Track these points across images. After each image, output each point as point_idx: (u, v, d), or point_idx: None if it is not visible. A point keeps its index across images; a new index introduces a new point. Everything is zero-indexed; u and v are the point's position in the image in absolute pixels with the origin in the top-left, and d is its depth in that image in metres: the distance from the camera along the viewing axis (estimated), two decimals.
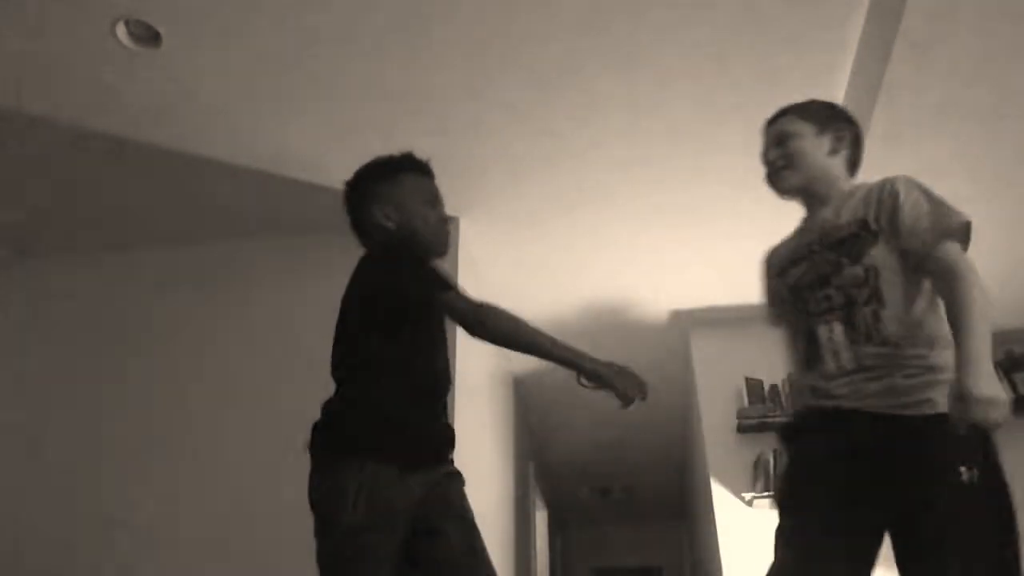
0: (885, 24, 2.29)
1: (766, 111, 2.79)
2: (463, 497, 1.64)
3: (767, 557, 1.52)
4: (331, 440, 1.54)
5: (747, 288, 3.98)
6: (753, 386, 3.95)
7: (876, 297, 1.52)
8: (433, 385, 1.65)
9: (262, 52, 2.52)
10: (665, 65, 2.61)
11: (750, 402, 3.91)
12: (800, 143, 1.70)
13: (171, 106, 2.74)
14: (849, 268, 1.56)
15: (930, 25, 2.19)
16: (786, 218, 1.82)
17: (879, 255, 1.54)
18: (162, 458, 3.06)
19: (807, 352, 1.62)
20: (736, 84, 2.68)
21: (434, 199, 1.78)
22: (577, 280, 3.93)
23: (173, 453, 3.07)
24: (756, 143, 2.93)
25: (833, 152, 1.70)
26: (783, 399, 3.88)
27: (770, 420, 3.83)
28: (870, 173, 1.74)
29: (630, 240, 3.59)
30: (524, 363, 4.75)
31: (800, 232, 1.76)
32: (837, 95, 2.72)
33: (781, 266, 1.74)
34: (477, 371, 3.58)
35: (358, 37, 2.48)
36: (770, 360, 4.02)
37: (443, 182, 1.65)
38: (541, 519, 6.08)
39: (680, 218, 3.42)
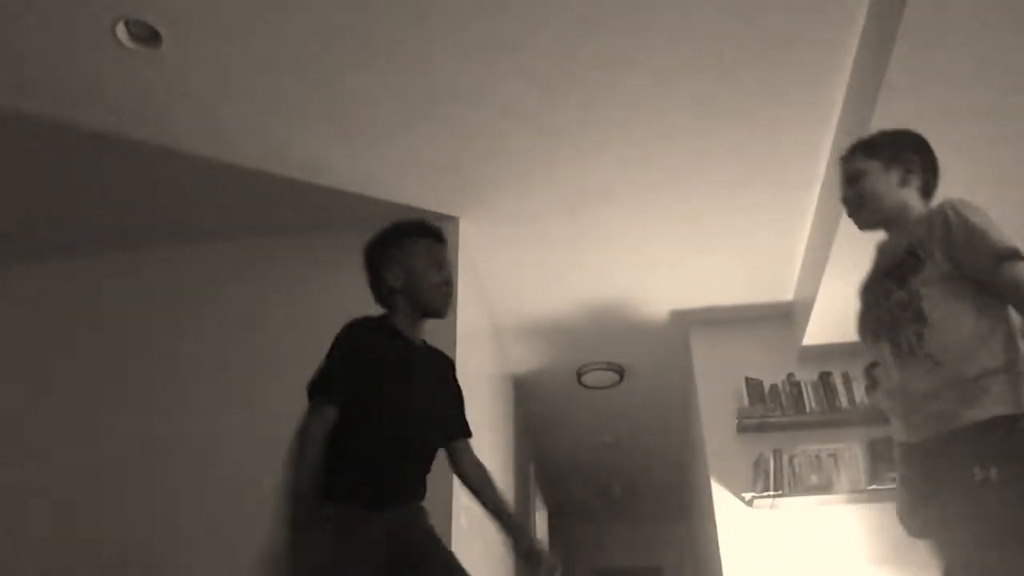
0: (885, 24, 2.29)
1: (766, 111, 2.82)
2: (426, 521, 1.80)
3: (767, 557, 1.56)
4: None
5: (747, 288, 3.99)
6: (753, 386, 3.95)
7: (919, 317, 1.58)
8: (387, 445, 1.75)
9: (262, 52, 2.52)
10: (665, 65, 2.61)
11: (750, 402, 3.91)
12: (869, 181, 1.76)
13: (171, 106, 2.74)
14: (896, 293, 1.64)
15: (930, 25, 2.19)
16: (786, 219, 1.82)
17: (924, 279, 1.59)
18: (164, 458, 3.06)
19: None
20: (736, 84, 2.68)
21: (439, 262, 1.90)
22: (577, 280, 3.93)
23: (175, 453, 3.06)
24: (756, 143, 2.97)
25: (903, 183, 1.75)
26: (783, 399, 3.89)
27: (770, 420, 3.84)
28: None
29: (630, 240, 3.59)
30: (524, 363, 4.76)
31: (874, 260, 1.84)
32: (837, 95, 2.72)
33: (860, 293, 1.84)
34: (477, 371, 3.58)
35: (358, 38, 2.48)
36: (770, 360, 4.06)
37: (443, 182, 1.66)
38: (541, 519, 6.08)
39: (680, 218, 3.42)
